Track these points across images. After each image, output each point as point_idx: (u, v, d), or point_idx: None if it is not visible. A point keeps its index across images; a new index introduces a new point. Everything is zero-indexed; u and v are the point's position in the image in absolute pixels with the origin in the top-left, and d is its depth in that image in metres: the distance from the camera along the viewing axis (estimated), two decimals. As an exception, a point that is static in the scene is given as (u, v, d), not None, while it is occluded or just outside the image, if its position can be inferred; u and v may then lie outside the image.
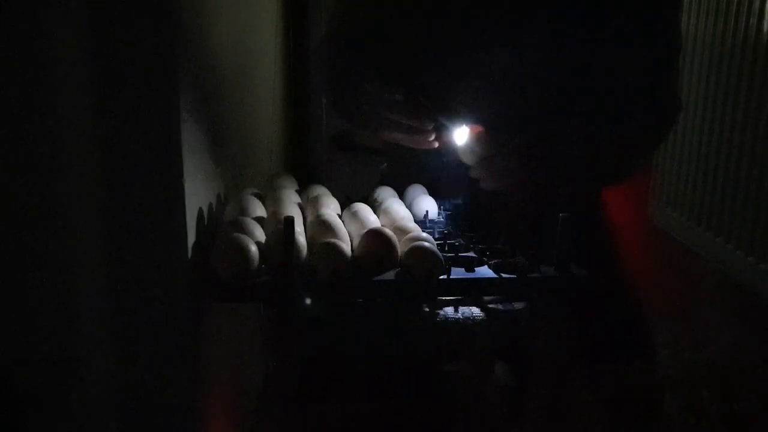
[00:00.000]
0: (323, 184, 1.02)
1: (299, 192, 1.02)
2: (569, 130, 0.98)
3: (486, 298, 0.83)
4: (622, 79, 1.02)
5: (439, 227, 0.94)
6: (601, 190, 1.18)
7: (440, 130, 0.97)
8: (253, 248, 0.76)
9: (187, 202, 0.77)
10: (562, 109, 1.02)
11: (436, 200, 1.00)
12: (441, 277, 0.78)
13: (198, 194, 0.84)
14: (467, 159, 0.95)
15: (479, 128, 0.94)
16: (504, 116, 1.01)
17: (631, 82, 1.02)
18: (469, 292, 0.81)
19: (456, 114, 0.96)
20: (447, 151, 0.98)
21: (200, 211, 0.85)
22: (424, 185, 1.05)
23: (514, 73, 1.02)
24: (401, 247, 0.80)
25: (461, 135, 0.95)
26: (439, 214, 0.99)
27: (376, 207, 0.96)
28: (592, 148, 0.99)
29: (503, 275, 0.80)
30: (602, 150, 1.00)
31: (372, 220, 0.88)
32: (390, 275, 0.78)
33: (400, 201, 0.98)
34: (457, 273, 0.80)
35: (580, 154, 0.97)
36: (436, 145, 0.98)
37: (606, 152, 1.01)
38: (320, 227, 0.83)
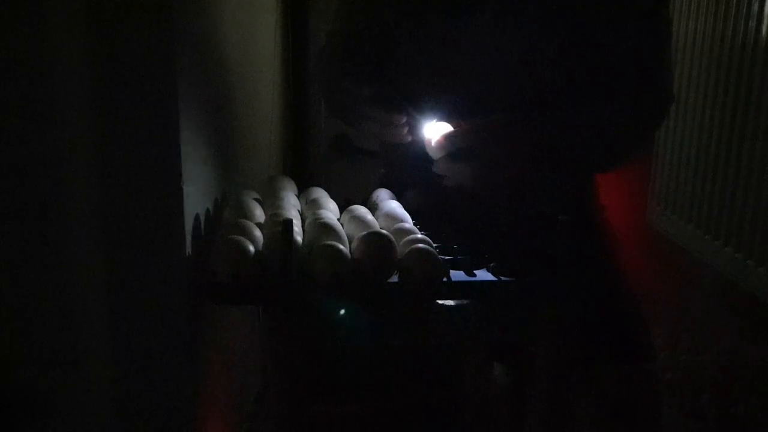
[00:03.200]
0: (322, 187, 1.03)
1: (298, 195, 1.02)
2: (550, 119, 0.97)
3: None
4: (607, 68, 1.01)
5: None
6: (596, 190, 1.18)
7: (414, 126, 0.98)
8: (252, 250, 0.76)
9: (185, 205, 0.77)
10: (541, 99, 1.02)
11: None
12: (440, 279, 0.78)
13: (197, 196, 0.84)
14: (434, 153, 0.95)
15: (456, 124, 0.94)
16: (481, 108, 1.01)
17: (617, 70, 1.01)
18: (469, 295, 0.81)
19: (428, 107, 0.97)
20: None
21: (199, 213, 0.85)
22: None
23: (495, 65, 1.02)
24: (400, 250, 0.80)
25: (432, 130, 0.96)
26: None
27: (374, 209, 0.96)
28: (575, 138, 0.97)
29: (502, 278, 0.80)
30: (585, 141, 0.98)
31: (371, 222, 0.88)
32: (389, 278, 0.78)
33: (398, 203, 0.98)
34: (456, 276, 0.80)
35: (562, 144, 0.96)
36: (409, 139, 0.99)
37: (589, 143, 0.99)
38: (319, 230, 0.83)
